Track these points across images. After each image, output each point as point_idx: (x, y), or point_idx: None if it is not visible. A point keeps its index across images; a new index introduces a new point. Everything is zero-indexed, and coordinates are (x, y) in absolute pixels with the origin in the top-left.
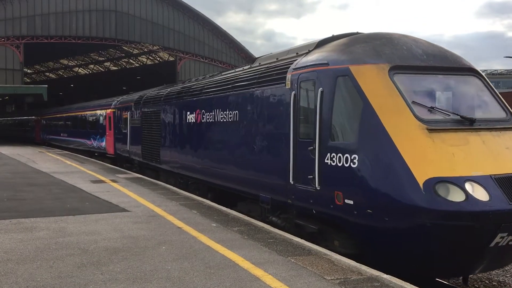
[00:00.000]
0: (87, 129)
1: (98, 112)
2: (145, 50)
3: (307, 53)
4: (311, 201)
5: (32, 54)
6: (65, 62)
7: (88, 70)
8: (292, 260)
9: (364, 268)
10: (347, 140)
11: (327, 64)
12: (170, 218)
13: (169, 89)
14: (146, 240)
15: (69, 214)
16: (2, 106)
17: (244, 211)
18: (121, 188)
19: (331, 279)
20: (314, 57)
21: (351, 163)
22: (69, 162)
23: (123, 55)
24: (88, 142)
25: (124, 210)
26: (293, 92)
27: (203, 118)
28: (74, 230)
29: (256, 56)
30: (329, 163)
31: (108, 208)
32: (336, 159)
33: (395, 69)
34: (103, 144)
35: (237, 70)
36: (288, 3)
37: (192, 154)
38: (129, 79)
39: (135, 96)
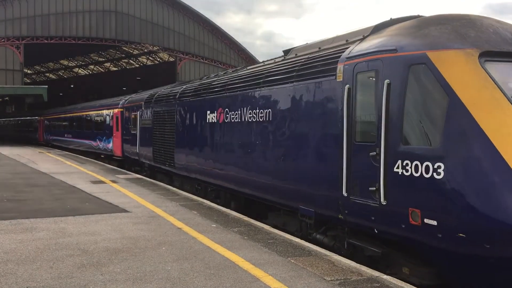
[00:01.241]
0: (93, 130)
1: (105, 112)
2: (145, 50)
3: (362, 40)
4: (373, 218)
5: (32, 55)
6: (65, 62)
7: (88, 71)
8: (292, 261)
9: (364, 268)
10: (427, 145)
11: (394, 50)
12: (170, 218)
13: (184, 86)
14: (146, 240)
15: (69, 215)
16: (2, 107)
17: (278, 224)
18: (121, 189)
19: (331, 280)
20: (374, 43)
21: (434, 174)
22: (69, 163)
23: (123, 55)
24: (94, 143)
25: (124, 210)
26: (347, 85)
27: (226, 117)
28: (74, 231)
29: (257, 56)
30: (400, 173)
31: (108, 208)
32: (410, 167)
33: (485, 56)
34: (110, 145)
35: (267, 63)
36: (288, 3)
37: (213, 158)
38: (129, 80)
39: (145, 94)
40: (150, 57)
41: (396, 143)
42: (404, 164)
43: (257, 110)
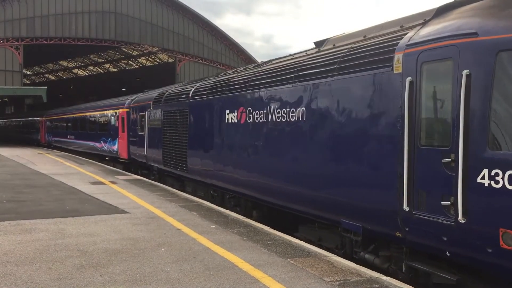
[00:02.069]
0: (97, 131)
1: (109, 112)
2: (145, 51)
3: (424, 24)
4: (445, 238)
5: (32, 56)
6: (65, 63)
7: (88, 72)
8: (292, 262)
9: (363, 269)
10: None
11: (474, 34)
12: (170, 219)
13: (198, 84)
14: (145, 241)
15: (68, 216)
16: (2, 108)
17: (312, 239)
18: (120, 190)
19: (331, 281)
20: (444, 26)
21: None
22: (68, 164)
23: (123, 56)
24: (98, 145)
25: (123, 211)
26: (408, 78)
27: (249, 117)
28: (73, 232)
29: (256, 57)
30: (486, 184)
31: (107, 209)
32: (502, 178)
33: None
34: (115, 147)
35: (296, 55)
36: (287, 3)
37: (233, 162)
38: (128, 81)
39: (153, 93)
40: (149, 58)
41: (480, 147)
42: (492, 174)
43: (288, 109)
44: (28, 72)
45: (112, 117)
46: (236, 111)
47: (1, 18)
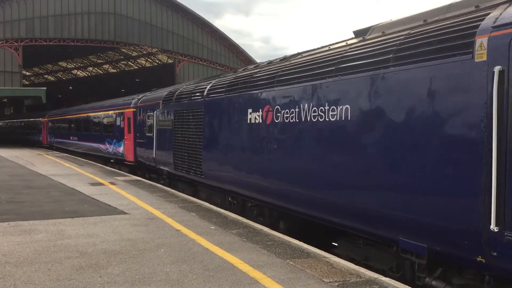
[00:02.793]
0: (101, 132)
1: (115, 112)
2: (144, 52)
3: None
4: None
5: (31, 57)
6: (64, 64)
7: (87, 73)
8: (291, 263)
9: (362, 270)
10: None
11: None
12: (169, 220)
13: (213, 81)
14: (144, 242)
15: (67, 217)
16: (1, 109)
17: (356, 257)
18: (119, 191)
19: (330, 282)
20: None
21: None
22: (67, 165)
23: (122, 57)
24: (103, 146)
25: (122, 212)
26: (497, 67)
27: (276, 117)
28: (72, 233)
29: (256, 58)
30: None
31: (107, 210)
32: None
33: None
34: (121, 149)
35: (334, 46)
36: (285, 3)
37: (257, 166)
38: (128, 82)
39: (162, 92)
40: (149, 59)
41: None
42: None
43: (327, 107)
44: (27, 73)
45: (118, 118)
46: (261, 110)
47: (0, 19)
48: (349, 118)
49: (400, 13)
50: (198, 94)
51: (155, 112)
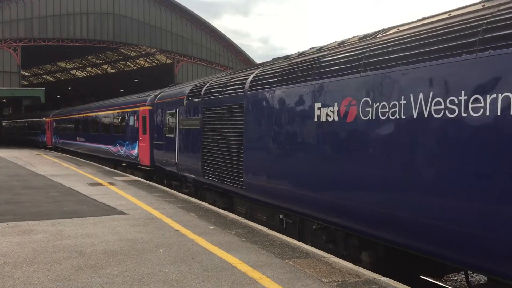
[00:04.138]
0: (112, 133)
1: (128, 111)
2: (143, 52)
3: None
4: None
5: (30, 57)
6: (63, 64)
7: (86, 73)
8: (290, 263)
9: (361, 270)
10: None
11: None
12: (168, 221)
13: (258, 70)
14: (143, 243)
15: (66, 217)
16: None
17: None
18: (118, 191)
19: (329, 282)
20: None
21: None
22: (66, 165)
23: (121, 57)
24: (113, 149)
25: (121, 213)
26: None
27: (364, 112)
28: (71, 233)
29: (254, 58)
30: None
31: (106, 211)
32: None
33: None
34: (135, 152)
35: (456, 13)
36: (284, 4)
37: (331, 178)
38: (126, 82)
39: (185, 87)
40: (147, 59)
41: None
42: None
43: (463, 97)
44: (26, 73)
45: (131, 117)
46: (336, 104)
47: None
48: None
49: (400, 13)
50: (237, 87)
51: (177, 109)
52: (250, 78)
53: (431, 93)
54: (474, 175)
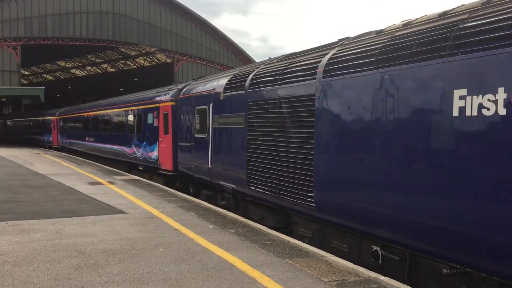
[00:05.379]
0: (126, 132)
1: (145, 107)
2: (143, 51)
3: None
4: None
5: (29, 56)
6: (62, 63)
7: (86, 72)
8: (290, 262)
9: (361, 270)
10: None
11: None
12: (168, 220)
13: (335, 50)
14: (143, 242)
15: (66, 216)
16: None
17: None
18: (118, 190)
19: (329, 281)
20: None
21: None
22: (66, 164)
23: (121, 56)
24: (128, 150)
25: (121, 212)
26: None
27: None
28: (71, 232)
29: (254, 57)
30: None
31: (105, 210)
32: None
33: None
34: (154, 154)
35: None
36: (284, 3)
37: (484, 205)
38: (126, 81)
39: (220, 78)
40: (147, 58)
41: None
42: None
43: None
44: (25, 72)
45: (149, 114)
46: (504, 89)
47: None
48: None
49: (400, 13)
50: (303, 73)
51: (210, 105)
52: (325, 60)
53: None
54: None
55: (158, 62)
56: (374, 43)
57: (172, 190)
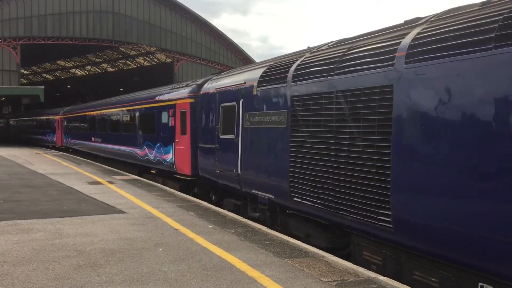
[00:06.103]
0: (137, 132)
1: (159, 105)
2: (142, 51)
3: None
4: None
5: (29, 55)
6: (62, 63)
7: (85, 72)
8: (289, 262)
9: (361, 270)
10: None
11: None
12: (167, 219)
13: (421, 28)
14: (143, 241)
15: (65, 216)
16: None
17: None
18: (118, 190)
19: (328, 281)
20: None
21: None
22: (65, 164)
23: (120, 56)
24: (139, 152)
25: (120, 211)
26: None
27: None
28: (70, 232)
29: (254, 57)
30: None
31: (105, 209)
32: None
33: None
34: (169, 157)
35: None
36: (284, 3)
37: None
38: (126, 81)
39: (252, 70)
40: (147, 58)
41: None
42: None
43: None
44: (25, 72)
45: (164, 112)
46: None
47: None
48: None
49: (400, 13)
50: (372, 59)
51: (240, 101)
52: (407, 41)
53: None
54: None
55: (158, 62)
56: (488, 14)
57: (171, 190)
